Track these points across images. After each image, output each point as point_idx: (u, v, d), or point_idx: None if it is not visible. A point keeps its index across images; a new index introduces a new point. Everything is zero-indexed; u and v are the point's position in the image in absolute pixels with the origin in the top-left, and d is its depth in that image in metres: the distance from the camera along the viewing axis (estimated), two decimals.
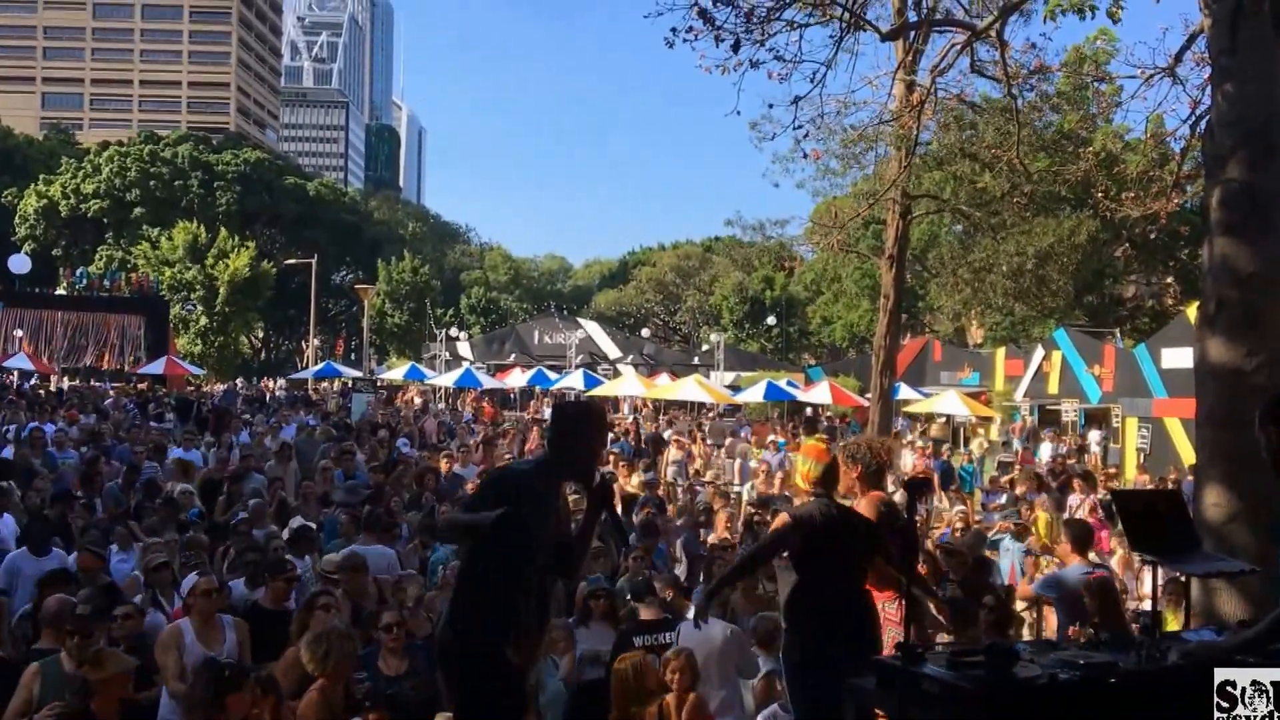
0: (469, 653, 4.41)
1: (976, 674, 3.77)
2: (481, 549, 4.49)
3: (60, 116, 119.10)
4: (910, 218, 14.75)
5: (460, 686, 4.48)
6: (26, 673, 5.69)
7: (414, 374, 41.17)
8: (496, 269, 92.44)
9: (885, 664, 4.02)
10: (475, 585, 4.50)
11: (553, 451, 4.84)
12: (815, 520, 5.33)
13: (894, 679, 3.92)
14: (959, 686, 3.73)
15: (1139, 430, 23.97)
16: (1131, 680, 3.88)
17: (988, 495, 16.34)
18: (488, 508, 4.36)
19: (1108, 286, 40.75)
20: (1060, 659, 3.98)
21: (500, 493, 4.49)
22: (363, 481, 13.57)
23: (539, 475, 4.67)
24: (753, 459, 20.15)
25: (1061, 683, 3.77)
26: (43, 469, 13.28)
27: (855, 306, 55.60)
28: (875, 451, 6.07)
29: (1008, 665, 3.81)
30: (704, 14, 8.61)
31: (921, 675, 3.84)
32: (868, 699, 4.05)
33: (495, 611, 4.41)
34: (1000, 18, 10.09)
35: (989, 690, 3.70)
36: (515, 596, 4.46)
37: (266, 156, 78.70)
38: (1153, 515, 4.77)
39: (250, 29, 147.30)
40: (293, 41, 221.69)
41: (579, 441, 4.80)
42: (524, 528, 4.40)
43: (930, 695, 3.78)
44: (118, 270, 47.77)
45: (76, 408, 22.49)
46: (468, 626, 4.43)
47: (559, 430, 4.89)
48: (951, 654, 3.98)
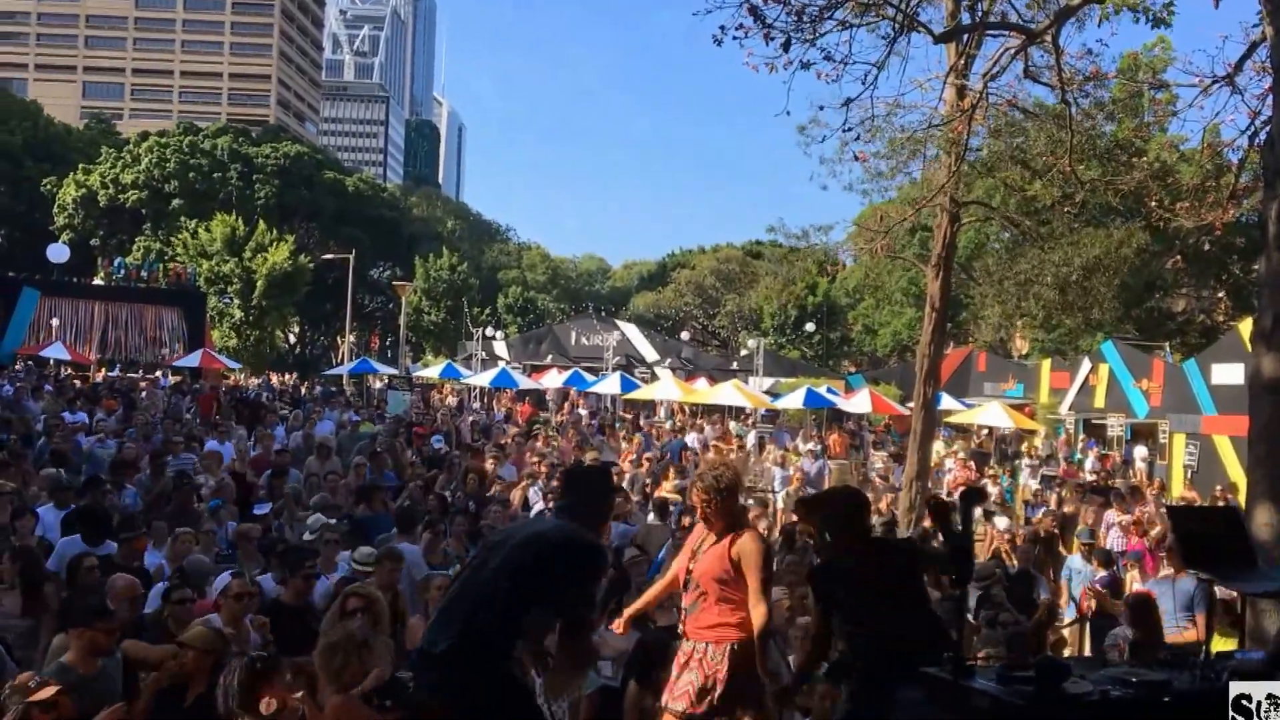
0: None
1: (1027, 689, 3.71)
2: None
3: (101, 106, 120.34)
4: (959, 225, 14.56)
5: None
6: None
7: (450, 372, 41.28)
8: (534, 268, 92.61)
9: (934, 677, 3.93)
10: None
11: (567, 516, 4.83)
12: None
13: (943, 692, 3.84)
14: (1009, 702, 3.67)
15: (1187, 447, 23.59)
16: (1185, 699, 3.79)
17: (1030, 509, 16.14)
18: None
19: (1157, 300, 40.16)
20: (1112, 676, 3.92)
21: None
22: (390, 481, 13.58)
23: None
24: (790, 466, 20.05)
25: (1114, 700, 3.70)
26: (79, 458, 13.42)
27: (899, 314, 55.24)
28: (736, 473, 5.76)
29: (1058, 681, 3.73)
30: (755, 11, 8.50)
31: (971, 689, 3.77)
32: (916, 712, 3.96)
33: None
34: (1056, 22, 9.91)
35: (1039, 706, 3.64)
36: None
37: (306, 150, 79.01)
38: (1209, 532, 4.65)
39: (292, 21, 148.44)
40: (334, 34, 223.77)
41: (593, 512, 4.86)
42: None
43: (979, 710, 3.73)
44: (155, 261, 48.19)
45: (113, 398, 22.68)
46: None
47: (574, 498, 4.91)
48: (1002, 668, 3.90)
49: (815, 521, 5.63)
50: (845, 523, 5.20)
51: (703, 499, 5.52)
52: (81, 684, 5.54)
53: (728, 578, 5.29)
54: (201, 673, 5.60)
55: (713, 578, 5.33)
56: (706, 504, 5.49)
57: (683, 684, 5.28)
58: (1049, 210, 14.32)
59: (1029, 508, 16.41)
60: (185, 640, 5.76)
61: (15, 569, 7.57)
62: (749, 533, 5.46)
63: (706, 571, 5.36)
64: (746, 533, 5.44)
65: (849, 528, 5.18)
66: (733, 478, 5.57)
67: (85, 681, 5.63)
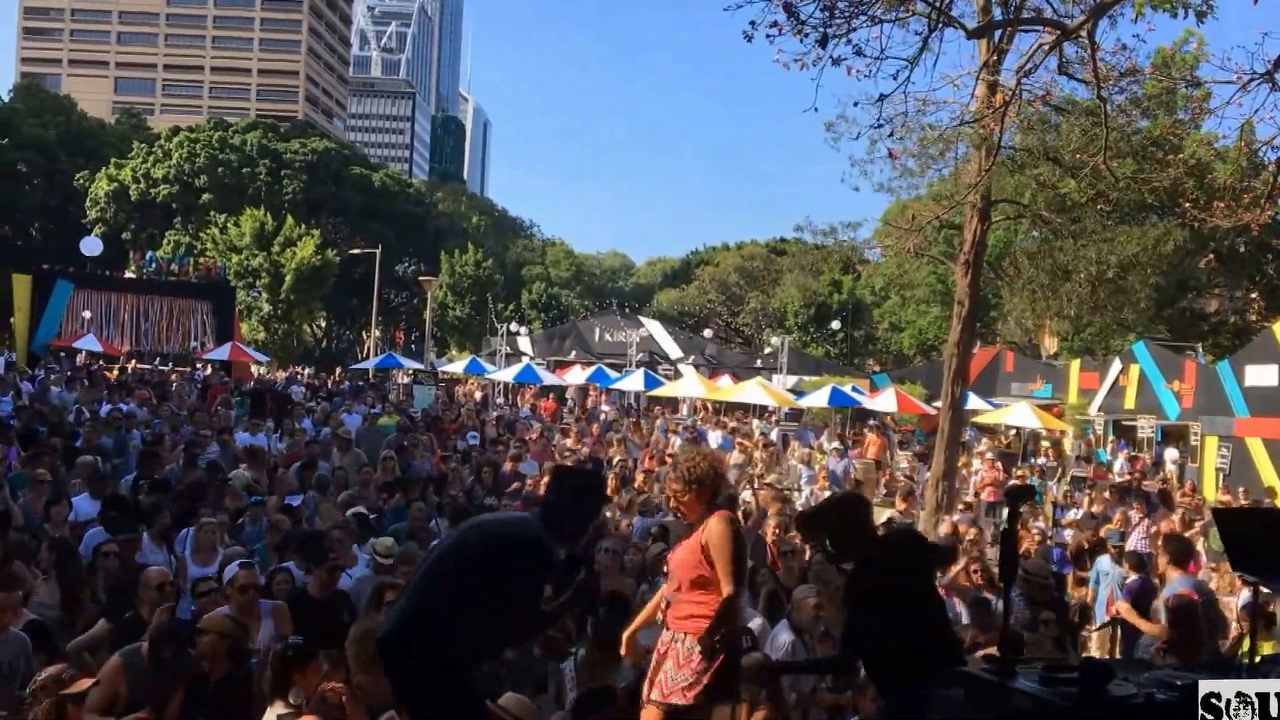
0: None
1: (1070, 690, 3.65)
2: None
3: (132, 101, 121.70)
4: (989, 223, 14.41)
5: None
6: (108, 667, 5.61)
7: (474, 367, 41.43)
8: (558, 264, 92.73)
9: (975, 676, 3.88)
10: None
11: (548, 516, 4.76)
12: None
13: (984, 692, 3.80)
14: (1052, 702, 3.62)
15: (1219, 449, 23.33)
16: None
17: (1060, 510, 16.02)
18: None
19: (1190, 299, 39.70)
20: (1156, 678, 3.85)
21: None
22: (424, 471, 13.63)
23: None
24: (815, 464, 19.99)
25: (1159, 703, 3.63)
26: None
27: (925, 313, 54.95)
28: (712, 464, 5.48)
29: (1103, 683, 3.68)
30: (788, 7, 8.42)
31: (1013, 689, 3.72)
32: (955, 711, 3.91)
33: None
34: (1092, 17, 9.77)
35: (1083, 707, 3.58)
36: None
37: (333, 146, 79.43)
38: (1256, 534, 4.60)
39: (321, 18, 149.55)
40: (362, 31, 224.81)
41: (579, 514, 4.81)
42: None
43: (1021, 710, 3.68)
44: (186, 255, 48.60)
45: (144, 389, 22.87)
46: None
47: (560, 497, 4.84)
48: (1044, 669, 3.85)
49: (818, 534, 5.39)
50: (848, 529, 5.03)
51: (674, 489, 5.38)
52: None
53: (700, 566, 5.16)
54: (219, 658, 5.66)
55: (686, 567, 5.21)
56: (679, 494, 5.33)
57: (661, 675, 5.18)
58: (1081, 208, 14.16)
59: (1058, 509, 16.28)
60: (201, 626, 5.85)
61: (52, 559, 7.67)
62: (717, 517, 5.25)
63: (681, 562, 5.26)
64: (714, 517, 5.25)
65: (853, 533, 5.02)
66: (707, 469, 5.33)
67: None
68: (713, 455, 5.67)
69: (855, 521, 5.05)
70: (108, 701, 5.44)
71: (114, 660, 5.70)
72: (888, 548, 5.17)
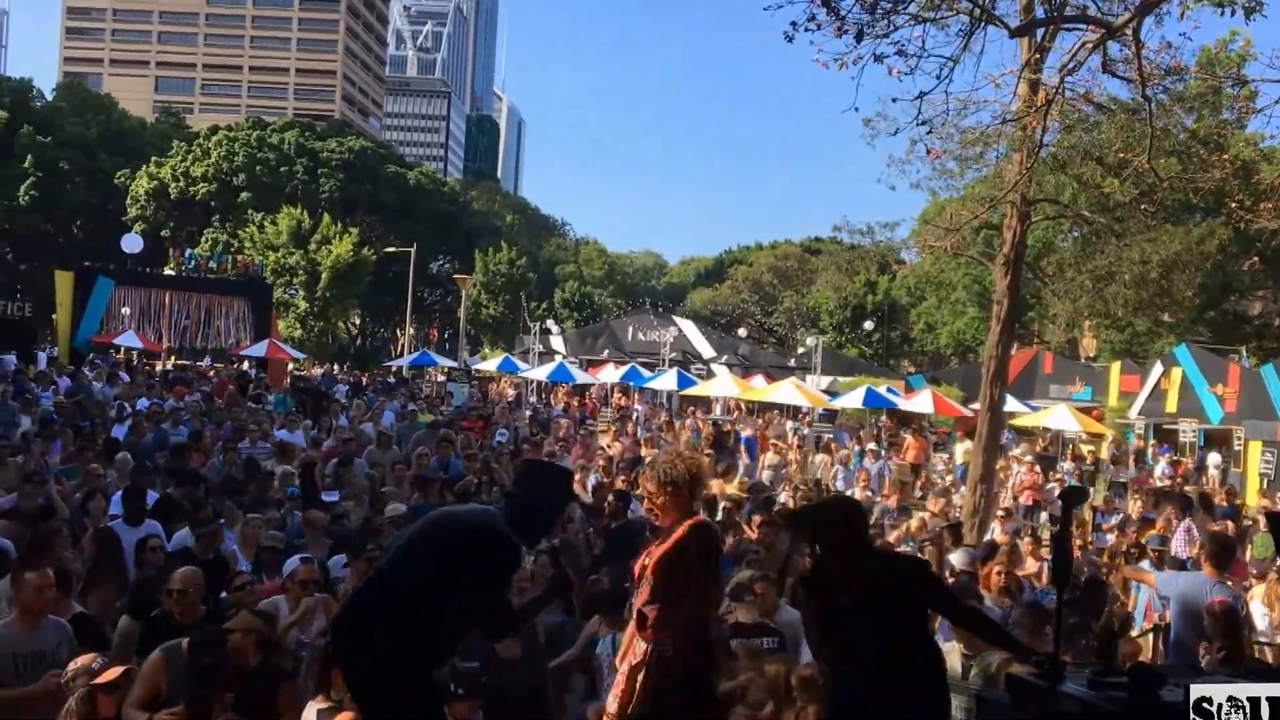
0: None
1: (1120, 695, 3.61)
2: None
3: (172, 100, 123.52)
4: (1029, 223, 14.25)
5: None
6: (150, 663, 5.60)
7: (507, 365, 41.57)
8: (591, 263, 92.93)
9: (1022, 680, 3.85)
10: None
11: (513, 511, 4.64)
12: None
13: (1031, 696, 3.76)
14: (1101, 707, 3.57)
15: (1263, 454, 22.89)
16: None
17: (1100, 515, 15.82)
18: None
19: (1233, 302, 39.07)
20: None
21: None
22: (456, 471, 13.67)
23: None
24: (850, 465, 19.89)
25: None
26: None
27: (960, 313, 54.44)
28: (689, 467, 5.14)
29: (1153, 688, 3.63)
30: (828, 4, 8.39)
31: (1061, 694, 3.68)
32: (1002, 714, 3.88)
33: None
34: (1137, 15, 9.65)
35: (1135, 712, 3.54)
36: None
37: (370, 145, 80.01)
38: None
39: (358, 17, 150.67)
40: (398, 30, 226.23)
41: (535, 509, 4.69)
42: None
43: (1068, 715, 3.64)
44: (224, 253, 49.11)
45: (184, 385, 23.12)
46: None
47: (526, 492, 4.74)
48: (1093, 674, 3.81)
49: (805, 534, 5.09)
50: (838, 534, 4.70)
51: (649, 491, 5.09)
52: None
53: (667, 574, 4.88)
54: (247, 653, 5.66)
55: (653, 574, 4.94)
56: (653, 496, 5.05)
57: (617, 682, 5.01)
58: (1124, 208, 13.98)
59: (1098, 514, 16.08)
60: (229, 625, 5.88)
61: (94, 549, 7.78)
62: (687, 524, 4.96)
63: (650, 568, 4.99)
64: (685, 524, 4.96)
65: (842, 539, 4.69)
66: (684, 471, 5.02)
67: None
68: (691, 458, 5.32)
69: (843, 527, 4.73)
70: (150, 696, 5.42)
71: (155, 656, 5.66)
72: (869, 566, 4.72)
